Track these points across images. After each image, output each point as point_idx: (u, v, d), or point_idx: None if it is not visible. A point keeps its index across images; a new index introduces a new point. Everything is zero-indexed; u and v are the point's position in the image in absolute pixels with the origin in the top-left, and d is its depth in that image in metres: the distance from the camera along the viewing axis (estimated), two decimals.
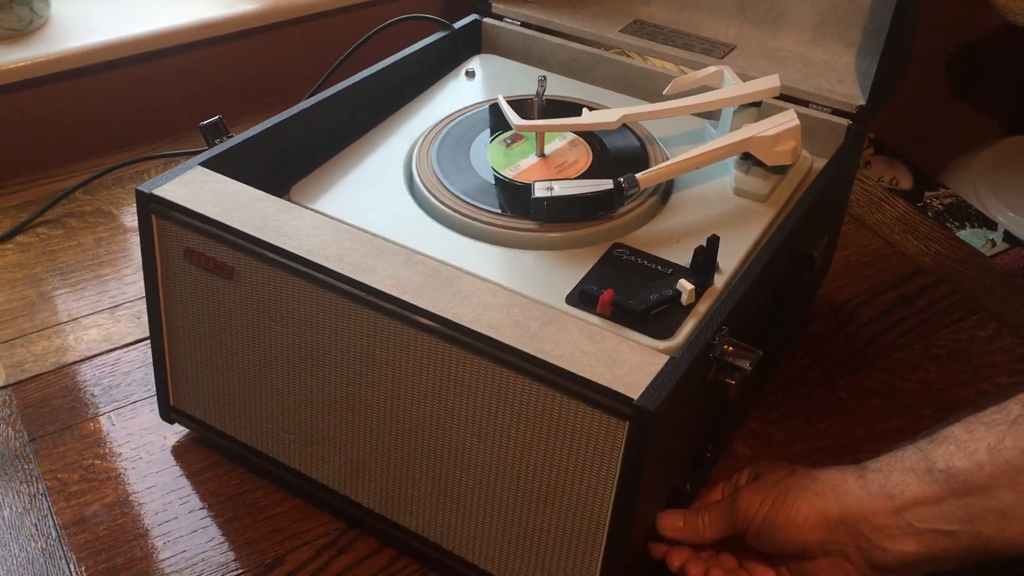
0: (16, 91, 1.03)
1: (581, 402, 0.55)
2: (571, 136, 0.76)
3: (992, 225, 1.56)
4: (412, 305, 0.58)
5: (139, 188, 0.66)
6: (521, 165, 0.73)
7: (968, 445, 0.55)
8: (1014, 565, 0.55)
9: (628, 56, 0.90)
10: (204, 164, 0.69)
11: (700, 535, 0.63)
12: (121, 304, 0.89)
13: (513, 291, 0.62)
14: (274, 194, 0.68)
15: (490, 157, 0.74)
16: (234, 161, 0.71)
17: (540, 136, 0.75)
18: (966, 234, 1.52)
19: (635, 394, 0.53)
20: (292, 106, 0.76)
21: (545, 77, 0.79)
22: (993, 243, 1.51)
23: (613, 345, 0.56)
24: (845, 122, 0.79)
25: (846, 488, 0.59)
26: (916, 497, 0.56)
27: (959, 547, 0.55)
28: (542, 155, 0.75)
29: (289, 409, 0.68)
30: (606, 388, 0.53)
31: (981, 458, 0.54)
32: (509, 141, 0.76)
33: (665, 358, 0.56)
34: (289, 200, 0.71)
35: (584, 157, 0.75)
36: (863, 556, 0.58)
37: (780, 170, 0.74)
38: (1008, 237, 1.52)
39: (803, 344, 0.86)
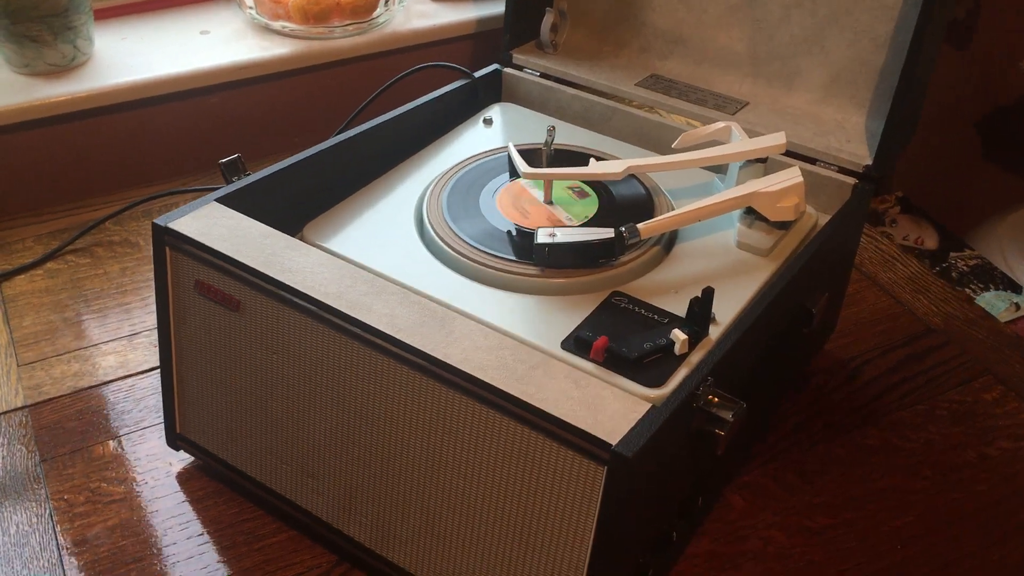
0: (57, 123, 1.06)
1: (562, 445, 0.56)
2: (579, 185, 0.78)
3: (1017, 288, 1.53)
4: (403, 343, 0.60)
5: (155, 221, 0.69)
6: (529, 212, 0.75)
7: None
8: None
9: (643, 109, 0.92)
10: (219, 200, 0.71)
11: None
12: (140, 332, 0.91)
13: (510, 334, 0.64)
14: (289, 232, 0.70)
15: (498, 203, 0.76)
16: (249, 198, 0.73)
17: (547, 184, 0.76)
18: (990, 296, 1.50)
19: (614, 440, 0.54)
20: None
21: (554, 127, 0.81)
22: (1017, 307, 1.49)
23: (597, 391, 0.57)
24: (851, 180, 0.80)
25: None
26: None
27: None
28: (550, 202, 0.76)
29: (287, 440, 0.69)
30: (586, 432, 0.54)
31: None
32: (518, 190, 0.78)
33: (647, 406, 0.56)
34: (302, 238, 0.73)
35: (591, 206, 0.76)
36: None
37: (783, 226, 0.75)
38: None
39: (804, 398, 0.86)
